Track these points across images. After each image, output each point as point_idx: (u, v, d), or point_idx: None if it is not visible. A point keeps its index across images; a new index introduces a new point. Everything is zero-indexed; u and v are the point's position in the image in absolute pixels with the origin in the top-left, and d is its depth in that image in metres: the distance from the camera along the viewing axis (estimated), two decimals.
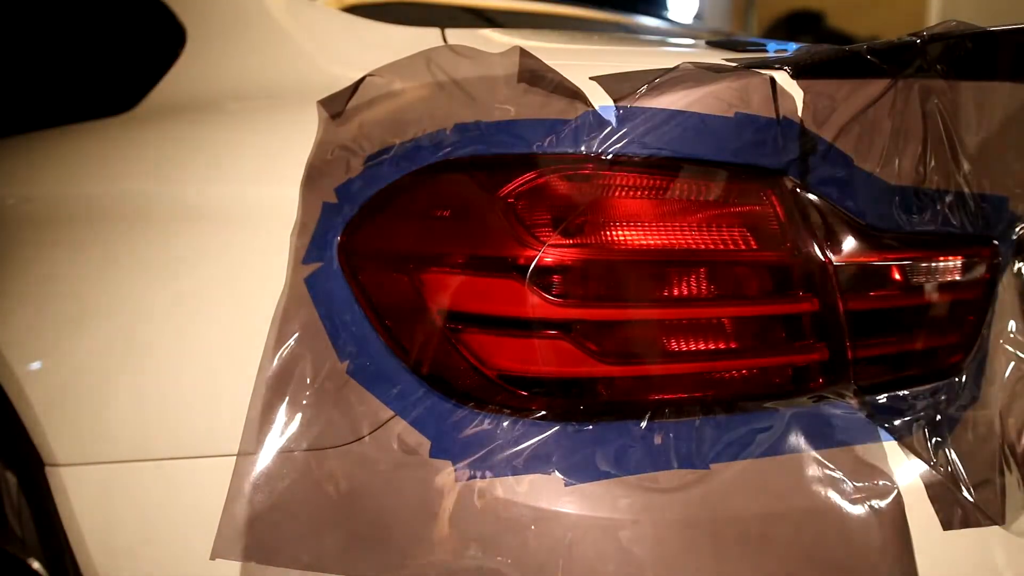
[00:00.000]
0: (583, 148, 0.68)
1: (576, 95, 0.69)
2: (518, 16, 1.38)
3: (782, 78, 0.70)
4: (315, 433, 0.72)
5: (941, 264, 0.77)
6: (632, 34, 1.46)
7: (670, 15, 1.89)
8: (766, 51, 0.85)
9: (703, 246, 0.69)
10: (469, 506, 0.67)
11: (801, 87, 0.71)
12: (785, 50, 0.84)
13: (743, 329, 0.71)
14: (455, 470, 0.67)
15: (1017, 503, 0.76)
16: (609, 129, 0.68)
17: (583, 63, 0.75)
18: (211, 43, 1.01)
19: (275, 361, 0.74)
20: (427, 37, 0.92)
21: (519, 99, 0.71)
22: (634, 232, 0.68)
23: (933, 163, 0.75)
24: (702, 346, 0.69)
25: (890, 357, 0.75)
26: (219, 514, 0.73)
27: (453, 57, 0.79)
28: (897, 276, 0.75)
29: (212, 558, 0.73)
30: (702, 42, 1.08)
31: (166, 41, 1.03)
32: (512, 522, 0.66)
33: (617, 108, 0.68)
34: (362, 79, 0.79)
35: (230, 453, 0.75)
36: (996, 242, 0.82)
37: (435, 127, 0.73)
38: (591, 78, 0.71)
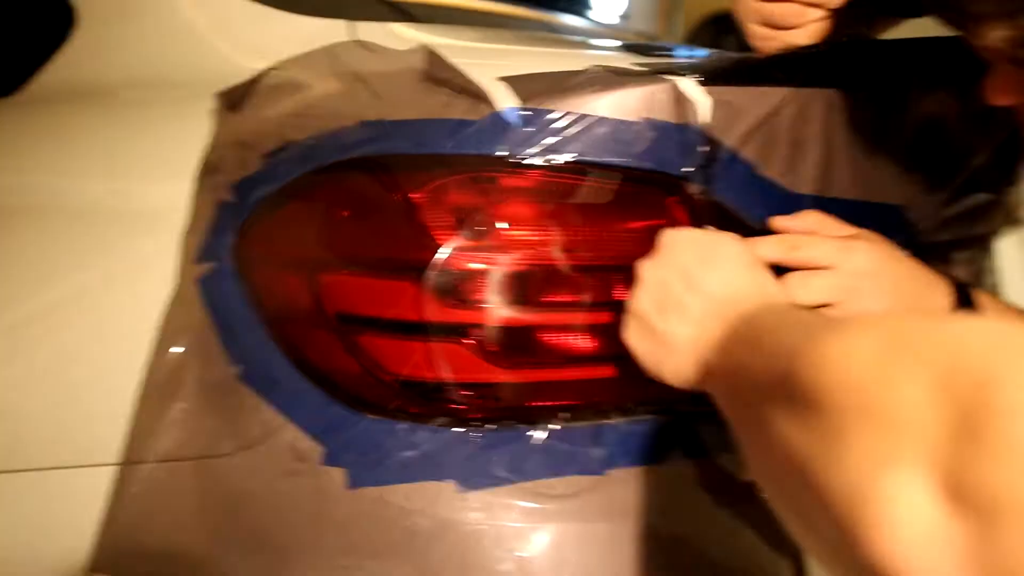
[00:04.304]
0: (487, 150, 0.67)
1: (482, 96, 0.68)
2: (434, 9, 1.36)
3: (688, 84, 0.71)
4: (203, 441, 0.69)
5: None
6: (553, 33, 1.46)
7: (593, 14, 1.90)
8: (674, 56, 0.86)
9: (604, 251, 0.69)
10: (362, 514, 0.65)
11: (707, 94, 0.71)
12: (694, 56, 0.84)
13: None
14: (349, 477, 0.66)
15: None
16: (514, 131, 0.67)
17: (494, 62, 0.74)
18: (104, 26, 0.96)
19: (162, 366, 0.71)
20: (336, 29, 0.89)
21: (424, 99, 0.70)
22: (535, 236, 0.67)
23: (835, 172, 0.77)
24: (600, 352, 0.69)
25: None
26: (99, 527, 0.70)
27: (359, 53, 0.77)
28: None
29: (90, 572, 0.70)
30: (620, 43, 1.08)
31: (52, 21, 0.97)
32: (406, 530, 0.65)
33: (524, 110, 0.67)
34: (263, 72, 0.77)
35: (113, 462, 0.72)
36: None
37: (338, 124, 0.70)
38: (500, 78, 0.70)
